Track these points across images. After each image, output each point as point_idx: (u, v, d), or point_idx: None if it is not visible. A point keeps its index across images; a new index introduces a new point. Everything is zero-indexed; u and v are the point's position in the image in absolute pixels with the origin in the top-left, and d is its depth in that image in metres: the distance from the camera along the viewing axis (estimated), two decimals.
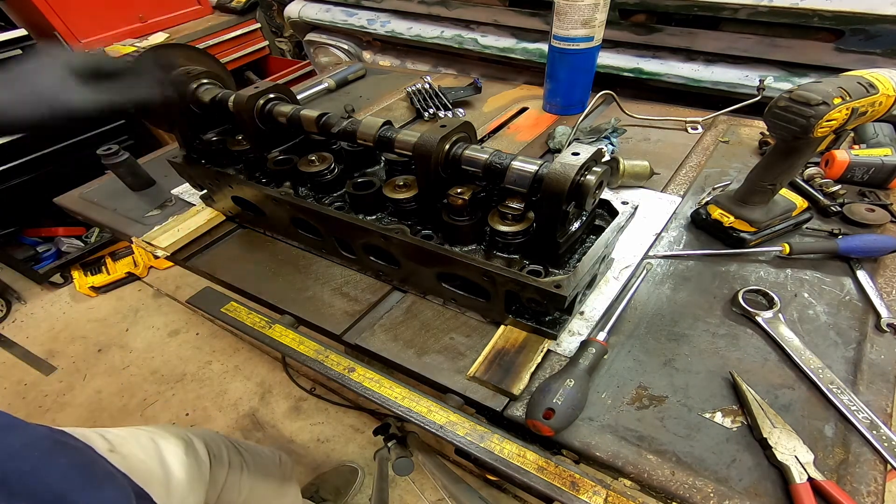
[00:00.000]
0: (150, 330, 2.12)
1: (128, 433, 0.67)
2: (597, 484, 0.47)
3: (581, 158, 0.50)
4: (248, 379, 1.87)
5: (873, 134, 0.92)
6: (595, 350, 0.57)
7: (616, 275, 0.72)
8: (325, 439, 1.65)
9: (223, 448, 0.87)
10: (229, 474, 0.84)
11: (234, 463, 0.88)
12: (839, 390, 0.54)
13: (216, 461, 0.81)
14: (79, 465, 0.48)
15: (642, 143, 1.04)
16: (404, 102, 1.31)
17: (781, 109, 0.60)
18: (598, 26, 1.02)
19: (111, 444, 0.61)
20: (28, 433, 0.47)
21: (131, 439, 0.65)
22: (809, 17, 0.99)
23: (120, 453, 0.60)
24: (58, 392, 1.90)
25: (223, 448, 0.87)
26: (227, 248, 0.87)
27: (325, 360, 0.60)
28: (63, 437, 0.55)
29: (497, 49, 1.48)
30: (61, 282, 2.37)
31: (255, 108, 0.72)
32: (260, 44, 2.64)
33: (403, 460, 0.99)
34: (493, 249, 0.60)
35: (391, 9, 1.71)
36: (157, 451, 0.67)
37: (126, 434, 0.66)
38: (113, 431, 0.65)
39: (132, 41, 2.26)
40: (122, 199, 1.02)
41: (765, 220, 0.72)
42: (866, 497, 0.46)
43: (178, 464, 0.68)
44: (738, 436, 0.52)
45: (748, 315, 0.64)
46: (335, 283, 0.76)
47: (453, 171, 0.59)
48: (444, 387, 0.60)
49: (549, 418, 0.50)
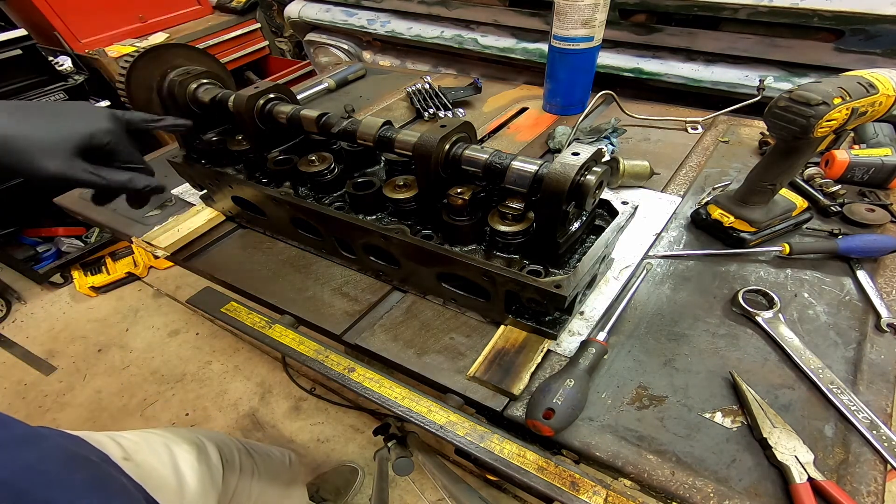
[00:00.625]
0: (150, 330, 2.12)
1: (142, 439, 0.67)
2: (597, 484, 0.47)
3: (581, 158, 0.50)
4: (248, 379, 1.87)
5: (873, 134, 0.92)
6: (595, 350, 0.57)
7: (616, 275, 0.72)
8: (325, 439, 1.65)
9: (235, 452, 0.87)
10: (240, 480, 0.84)
11: (246, 467, 0.87)
12: (839, 390, 0.54)
13: (228, 467, 0.81)
14: (94, 480, 0.48)
15: (642, 143, 1.04)
16: (404, 102, 1.31)
17: (781, 109, 0.60)
18: (598, 26, 1.02)
19: (126, 452, 0.61)
20: (43, 446, 0.47)
21: (145, 446, 0.65)
22: (809, 17, 0.99)
23: (134, 461, 0.60)
24: (58, 392, 1.90)
25: (235, 452, 0.87)
26: (227, 248, 0.87)
27: (325, 360, 0.60)
28: (77, 446, 0.54)
29: (497, 49, 1.48)
30: (61, 282, 2.37)
31: (255, 108, 0.72)
32: (260, 44, 2.64)
33: (403, 460, 0.99)
34: (493, 249, 0.60)
35: (391, 9, 1.71)
36: (171, 458, 0.67)
37: (140, 440, 0.66)
38: (127, 437, 0.65)
39: (132, 41, 2.26)
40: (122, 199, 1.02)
41: (765, 220, 0.72)
42: (866, 497, 0.46)
43: (191, 471, 0.67)
44: (738, 436, 0.52)
45: (748, 315, 0.64)
46: (335, 283, 0.76)
47: (453, 171, 0.59)
48: (444, 387, 0.60)
49: (549, 418, 0.50)
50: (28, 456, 0.44)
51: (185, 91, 0.77)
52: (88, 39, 2.18)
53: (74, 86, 2.05)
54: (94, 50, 2.12)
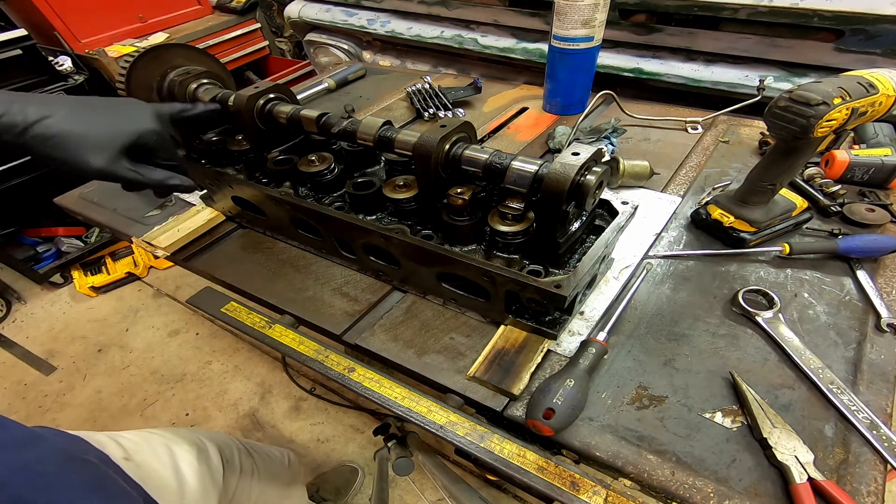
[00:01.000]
0: (150, 330, 2.12)
1: (142, 439, 0.67)
2: (597, 484, 0.47)
3: (581, 158, 0.50)
4: (248, 379, 1.87)
5: (873, 134, 0.92)
6: (595, 350, 0.57)
7: (616, 275, 0.72)
8: (325, 439, 1.65)
9: (235, 452, 0.87)
10: (240, 480, 0.84)
11: (246, 467, 0.87)
12: (839, 390, 0.54)
13: (228, 467, 0.81)
14: (93, 481, 0.48)
15: (642, 143, 1.04)
16: (404, 102, 1.31)
17: (781, 109, 0.60)
18: (598, 26, 1.02)
19: (126, 452, 0.61)
20: (42, 448, 0.47)
21: (146, 446, 0.65)
22: (809, 17, 0.99)
23: (134, 461, 0.60)
24: (58, 392, 1.90)
25: (235, 452, 0.87)
26: (227, 248, 0.87)
27: (325, 360, 0.60)
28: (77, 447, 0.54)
29: (497, 49, 1.48)
30: (61, 282, 2.37)
31: (255, 108, 0.72)
32: (260, 44, 2.64)
33: (403, 460, 0.99)
34: (493, 249, 0.60)
35: (391, 9, 1.71)
36: (172, 458, 0.67)
37: (141, 440, 0.66)
38: (128, 437, 0.65)
39: (132, 41, 2.26)
40: (122, 199, 1.02)
41: (765, 220, 0.72)
42: (866, 497, 0.46)
43: (192, 472, 0.67)
44: (738, 436, 0.52)
45: (748, 315, 0.64)
46: (335, 283, 0.76)
47: (453, 171, 0.59)
48: (444, 387, 0.60)
49: (549, 418, 0.50)
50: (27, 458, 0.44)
51: (185, 91, 0.77)
52: (88, 39, 2.18)
53: (74, 86, 2.05)
54: (94, 50, 2.12)
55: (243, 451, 0.90)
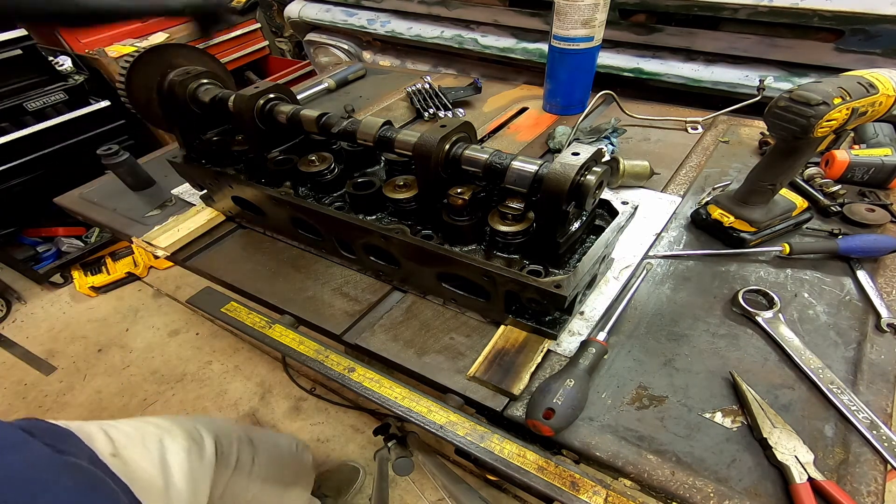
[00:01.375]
0: (150, 330, 2.12)
1: (135, 430, 0.66)
2: (597, 484, 0.47)
3: (581, 158, 0.50)
4: (248, 379, 1.87)
5: (873, 134, 0.92)
6: (595, 350, 0.57)
7: (616, 275, 0.72)
8: (325, 439, 1.65)
9: (234, 443, 0.86)
10: (234, 476, 0.83)
11: (244, 461, 0.87)
12: (839, 390, 0.54)
13: (222, 461, 0.80)
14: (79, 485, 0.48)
15: (642, 143, 1.04)
16: (404, 102, 1.31)
17: (781, 109, 0.60)
18: (598, 26, 1.02)
19: (114, 447, 0.60)
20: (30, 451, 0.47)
21: (137, 439, 0.65)
22: (809, 17, 0.99)
23: (122, 458, 0.60)
24: (58, 392, 1.90)
25: (234, 443, 0.86)
26: (227, 248, 0.87)
27: (325, 360, 0.60)
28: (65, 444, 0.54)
29: (497, 49, 1.48)
30: (61, 282, 2.37)
31: (255, 108, 0.72)
32: (260, 44, 2.64)
33: (403, 460, 0.99)
34: (493, 249, 0.60)
35: (391, 9, 1.71)
36: (161, 454, 0.66)
37: (133, 431, 0.66)
38: (120, 428, 0.65)
39: (132, 41, 2.26)
40: (122, 199, 1.02)
41: (765, 220, 0.72)
42: (866, 497, 0.46)
43: (180, 472, 0.67)
44: (738, 436, 0.52)
45: (748, 315, 0.64)
46: (335, 283, 0.76)
47: (453, 171, 0.59)
48: (444, 387, 0.60)
49: (549, 418, 0.50)
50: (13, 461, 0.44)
51: (185, 91, 0.77)
52: (88, 39, 2.17)
53: (74, 86, 2.05)
54: (94, 50, 2.12)
55: (244, 441, 0.89)
